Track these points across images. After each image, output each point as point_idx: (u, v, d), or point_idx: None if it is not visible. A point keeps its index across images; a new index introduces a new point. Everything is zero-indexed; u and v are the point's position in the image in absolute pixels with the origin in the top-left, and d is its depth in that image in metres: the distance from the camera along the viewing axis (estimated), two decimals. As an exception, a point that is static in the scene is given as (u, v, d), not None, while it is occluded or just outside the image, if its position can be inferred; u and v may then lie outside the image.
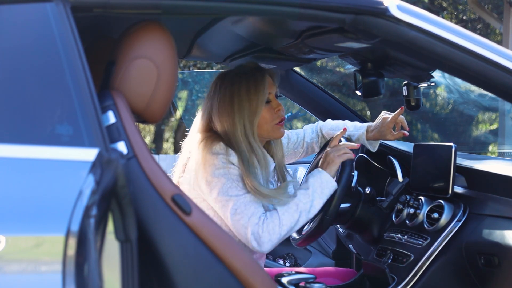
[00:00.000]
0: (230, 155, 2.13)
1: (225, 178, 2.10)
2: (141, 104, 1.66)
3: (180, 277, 1.54)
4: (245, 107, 2.20)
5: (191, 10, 1.67)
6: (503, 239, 2.08)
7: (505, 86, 1.78)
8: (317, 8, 1.68)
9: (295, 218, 2.11)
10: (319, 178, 2.20)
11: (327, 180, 2.20)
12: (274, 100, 2.27)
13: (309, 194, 2.15)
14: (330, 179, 2.20)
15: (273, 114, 2.26)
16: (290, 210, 2.11)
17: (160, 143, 13.41)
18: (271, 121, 2.26)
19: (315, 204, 2.15)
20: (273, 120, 2.26)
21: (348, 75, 8.67)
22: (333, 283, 2.66)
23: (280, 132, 2.29)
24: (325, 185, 2.19)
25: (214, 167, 2.12)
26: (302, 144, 2.69)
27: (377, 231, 2.67)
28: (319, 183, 2.18)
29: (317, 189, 2.17)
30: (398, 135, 2.54)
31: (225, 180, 2.10)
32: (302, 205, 2.13)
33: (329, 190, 2.19)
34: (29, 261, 1.30)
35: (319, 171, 2.22)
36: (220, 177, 2.10)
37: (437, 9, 11.98)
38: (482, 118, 8.86)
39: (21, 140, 1.42)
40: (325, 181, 2.19)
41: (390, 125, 2.53)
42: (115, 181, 1.37)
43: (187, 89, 8.06)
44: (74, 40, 1.49)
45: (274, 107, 2.26)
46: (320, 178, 2.20)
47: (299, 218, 2.12)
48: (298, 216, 2.11)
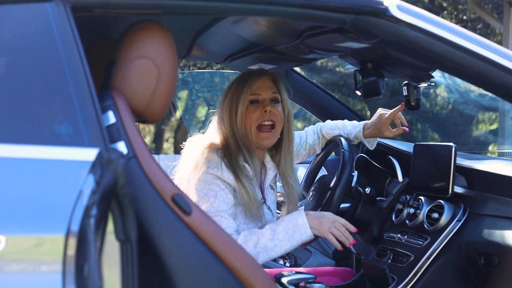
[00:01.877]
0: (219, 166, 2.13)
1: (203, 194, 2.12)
2: (141, 104, 1.66)
3: (180, 277, 1.54)
4: (232, 104, 2.23)
5: (191, 10, 1.67)
6: (503, 239, 2.08)
7: (505, 86, 1.78)
8: (317, 8, 1.68)
9: (251, 250, 2.06)
10: (295, 221, 2.12)
11: (302, 225, 2.11)
12: (264, 102, 2.24)
13: (275, 232, 2.09)
14: (306, 227, 2.11)
15: (258, 114, 2.23)
16: (249, 242, 2.08)
17: (160, 143, 13.41)
18: (254, 121, 2.23)
19: (280, 245, 2.09)
20: (257, 120, 2.23)
21: (348, 75, 8.67)
22: (333, 283, 2.66)
23: (264, 140, 2.23)
24: (297, 229, 2.10)
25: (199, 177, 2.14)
26: (305, 146, 2.69)
27: (377, 231, 2.67)
28: (292, 225, 2.11)
29: (288, 231, 2.10)
30: (397, 131, 2.54)
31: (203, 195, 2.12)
32: (262, 241, 2.07)
33: (300, 236, 2.10)
34: (29, 261, 1.30)
35: (300, 213, 2.14)
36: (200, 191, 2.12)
37: (437, 9, 11.97)
38: (482, 118, 8.86)
39: (21, 140, 1.42)
40: (300, 226, 2.11)
41: (387, 121, 2.53)
42: (115, 181, 1.37)
43: (187, 89, 8.05)
44: (74, 40, 1.49)
45: (261, 108, 2.23)
46: (296, 221, 2.12)
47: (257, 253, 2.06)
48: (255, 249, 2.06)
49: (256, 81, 2.25)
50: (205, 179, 2.13)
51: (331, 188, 2.50)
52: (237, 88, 2.25)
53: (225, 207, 2.12)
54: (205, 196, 2.12)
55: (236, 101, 2.23)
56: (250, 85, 2.23)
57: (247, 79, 2.25)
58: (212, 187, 2.13)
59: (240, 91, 2.24)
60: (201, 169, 2.15)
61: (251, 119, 2.23)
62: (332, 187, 2.47)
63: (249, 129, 2.24)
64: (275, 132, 2.26)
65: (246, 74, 2.29)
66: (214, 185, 2.13)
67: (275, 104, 2.27)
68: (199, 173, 2.15)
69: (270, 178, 2.35)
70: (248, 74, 2.28)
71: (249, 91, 2.23)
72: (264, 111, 2.23)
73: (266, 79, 2.28)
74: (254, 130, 2.23)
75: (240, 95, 2.23)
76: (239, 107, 2.22)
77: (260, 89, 2.25)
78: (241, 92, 2.23)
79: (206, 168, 2.14)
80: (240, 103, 2.22)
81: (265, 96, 2.25)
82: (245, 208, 2.18)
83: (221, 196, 2.12)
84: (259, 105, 2.25)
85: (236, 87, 2.26)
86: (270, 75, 2.30)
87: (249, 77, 2.26)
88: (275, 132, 2.25)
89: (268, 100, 2.25)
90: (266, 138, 2.24)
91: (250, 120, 2.23)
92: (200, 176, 2.14)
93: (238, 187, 2.15)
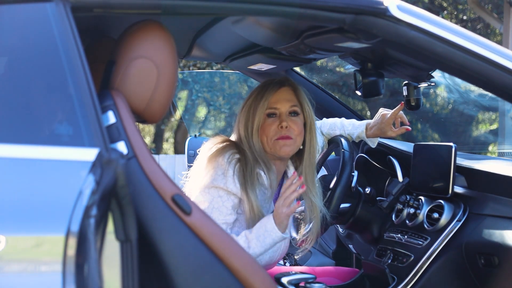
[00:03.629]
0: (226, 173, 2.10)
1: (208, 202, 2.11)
2: (141, 104, 1.66)
3: (180, 277, 1.54)
4: (250, 116, 2.20)
5: (191, 10, 1.67)
6: (503, 239, 2.08)
7: (505, 86, 1.78)
8: (317, 8, 1.68)
9: None
10: (264, 226, 2.11)
11: (271, 229, 2.09)
12: (282, 116, 2.20)
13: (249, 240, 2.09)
14: (273, 228, 2.09)
15: (275, 129, 2.19)
16: None
17: (160, 143, 13.41)
18: (271, 136, 2.19)
19: (254, 251, 2.09)
20: (274, 135, 2.19)
21: (348, 75, 8.67)
22: (333, 283, 2.66)
23: (281, 150, 2.19)
24: (268, 234, 2.10)
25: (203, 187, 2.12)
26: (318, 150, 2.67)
27: (377, 231, 2.67)
28: (263, 231, 2.10)
29: (259, 238, 2.10)
30: (400, 131, 2.54)
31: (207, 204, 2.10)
32: None
33: (271, 239, 2.10)
34: (29, 261, 1.30)
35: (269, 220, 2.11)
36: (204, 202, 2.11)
37: (437, 9, 11.97)
38: (482, 118, 8.86)
39: (21, 140, 1.42)
40: (269, 230, 2.10)
41: (390, 121, 2.53)
42: (115, 181, 1.37)
43: (187, 89, 8.05)
44: (74, 40, 1.49)
45: (278, 123, 2.19)
46: (265, 226, 2.10)
47: None
48: None
49: (275, 93, 2.21)
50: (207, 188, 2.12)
51: (331, 188, 2.50)
52: (255, 99, 2.21)
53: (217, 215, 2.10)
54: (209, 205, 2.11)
55: (253, 114, 2.19)
56: (268, 98, 2.19)
57: (265, 90, 2.21)
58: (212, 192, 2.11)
59: (258, 103, 2.20)
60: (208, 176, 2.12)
61: (268, 133, 2.19)
62: (332, 187, 2.47)
63: (266, 142, 2.20)
64: (293, 141, 2.20)
65: (265, 84, 2.24)
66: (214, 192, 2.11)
67: (293, 118, 2.22)
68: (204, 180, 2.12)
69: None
70: (267, 84, 2.23)
71: (266, 104, 2.19)
72: (280, 127, 2.18)
73: (286, 91, 2.24)
74: (272, 143, 2.19)
75: (257, 108, 2.19)
76: (255, 120, 2.19)
77: (278, 102, 2.21)
78: (258, 105, 2.19)
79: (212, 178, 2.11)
80: (257, 116, 2.19)
81: (283, 110, 2.21)
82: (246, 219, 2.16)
83: (217, 204, 2.11)
84: (276, 119, 2.20)
85: (254, 98, 2.21)
86: (291, 85, 2.25)
87: (267, 88, 2.21)
88: (292, 141, 2.20)
89: (286, 113, 2.21)
90: (284, 146, 2.19)
91: (266, 134, 2.19)
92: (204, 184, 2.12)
93: (242, 197, 2.12)
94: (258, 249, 2.09)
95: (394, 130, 2.54)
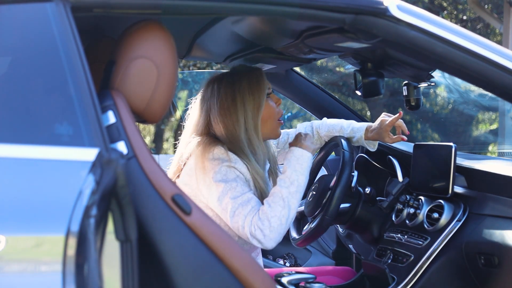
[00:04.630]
0: (232, 159, 2.13)
1: (223, 183, 2.10)
2: (141, 104, 1.66)
3: (180, 277, 1.54)
4: (249, 101, 2.22)
5: (191, 10, 1.67)
6: (503, 239, 2.08)
7: (505, 86, 1.78)
8: (317, 8, 1.68)
9: (282, 205, 2.07)
10: (292, 156, 2.18)
11: (301, 154, 2.18)
12: (273, 95, 2.31)
13: (288, 177, 2.13)
14: (302, 152, 2.19)
15: (275, 108, 2.28)
16: (275, 199, 2.09)
17: (160, 143, 13.41)
18: (274, 116, 2.27)
19: (299, 181, 2.13)
20: (277, 115, 2.28)
21: (348, 75, 8.68)
22: (333, 283, 2.66)
23: (278, 131, 2.31)
24: (300, 160, 2.17)
25: (213, 172, 2.11)
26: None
27: (377, 231, 2.67)
28: (295, 161, 2.17)
29: (296, 167, 2.15)
30: (396, 139, 2.52)
31: (224, 184, 2.10)
32: (284, 191, 2.10)
33: (306, 163, 2.17)
34: (29, 261, 1.30)
35: (292, 149, 2.21)
36: (219, 183, 2.10)
37: (437, 9, 11.98)
38: (482, 118, 8.87)
39: (21, 140, 1.42)
40: (299, 155, 2.18)
41: (387, 128, 2.52)
42: (115, 181, 1.37)
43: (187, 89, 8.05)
44: (74, 40, 1.49)
45: (275, 101, 2.29)
46: (293, 155, 2.19)
47: (288, 203, 2.08)
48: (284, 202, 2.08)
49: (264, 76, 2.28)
50: (220, 171, 2.12)
51: (331, 188, 2.50)
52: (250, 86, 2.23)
53: (248, 189, 2.12)
54: (226, 184, 2.10)
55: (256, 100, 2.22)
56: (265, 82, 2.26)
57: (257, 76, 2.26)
58: (229, 175, 2.11)
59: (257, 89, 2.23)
60: (214, 166, 2.12)
61: (273, 114, 2.27)
62: (332, 187, 2.47)
63: (270, 122, 2.27)
64: None
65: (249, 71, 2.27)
66: (230, 174, 2.12)
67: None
68: (213, 170, 2.12)
69: (265, 172, 2.36)
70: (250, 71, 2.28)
71: (266, 88, 2.26)
72: (278, 104, 2.30)
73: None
74: (272, 124, 2.28)
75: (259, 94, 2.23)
76: (261, 105, 2.23)
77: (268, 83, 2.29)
78: (258, 90, 2.23)
79: (220, 163, 2.12)
80: (261, 100, 2.23)
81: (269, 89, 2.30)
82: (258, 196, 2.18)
83: (241, 181, 2.13)
84: (270, 100, 2.28)
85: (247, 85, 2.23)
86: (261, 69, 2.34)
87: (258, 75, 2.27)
88: None
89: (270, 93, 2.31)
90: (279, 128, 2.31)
91: (270, 114, 2.27)
92: (216, 170, 2.12)
93: (249, 177, 2.16)
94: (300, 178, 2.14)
95: (391, 137, 2.53)
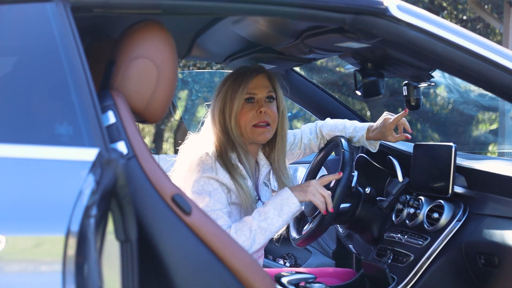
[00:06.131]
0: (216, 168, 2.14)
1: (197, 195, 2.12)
2: (141, 104, 1.66)
3: (180, 277, 1.54)
4: (226, 102, 2.24)
5: (191, 10, 1.67)
6: (503, 239, 2.08)
7: (505, 86, 1.78)
8: (317, 8, 1.68)
9: (247, 236, 2.06)
10: (280, 196, 2.14)
11: (287, 197, 2.13)
12: (260, 101, 2.26)
13: (265, 212, 2.10)
14: (292, 197, 2.13)
15: (254, 114, 2.24)
16: (243, 228, 2.08)
17: (160, 143, 13.42)
18: (249, 121, 2.24)
19: (273, 223, 2.09)
20: (252, 121, 2.24)
21: (348, 75, 8.68)
22: (333, 283, 2.66)
23: (260, 136, 2.25)
24: (285, 202, 2.12)
25: (193, 180, 2.14)
26: (299, 145, 2.67)
27: (377, 231, 2.67)
28: (279, 200, 2.12)
29: (276, 207, 2.11)
30: (400, 137, 2.52)
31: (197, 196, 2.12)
32: (255, 223, 2.08)
33: (289, 208, 2.11)
34: (29, 261, 1.30)
35: (284, 189, 2.16)
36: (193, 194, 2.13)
37: (437, 9, 11.98)
38: (482, 118, 8.87)
39: (21, 140, 1.42)
40: (286, 198, 2.12)
41: (391, 126, 2.52)
42: (115, 181, 1.37)
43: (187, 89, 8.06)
44: (74, 40, 1.49)
45: (257, 108, 2.25)
46: (281, 196, 2.14)
47: (253, 236, 2.07)
48: (251, 234, 2.07)
49: (253, 80, 2.26)
50: (199, 181, 2.14)
51: (331, 188, 2.50)
52: (233, 86, 2.25)
53: (220, 206, 2.12)
54: (199, 196, 2.12)
55: (232, 100, 2.23)
56: (247, 85, 2.24)
57: (243, 77, 2.25)
58: (206, 187, 2.13)
59: (236, 89, 2.24)
60: (196, 171, 2.15)
61: (246, 118, 2.24)
62: (332, 187, 2.47)
63: (244, 128, 2.25)
64: (271, 128, 2.27)
65: (241, 71, 2.28)
66: (208, 186, 2.13)
67: (269, 103, 2.28)
68: (194, 176, 2.15)
69: (263, 175, 2.36)
70: (243, 72, 2.28)
71: (245, 91, 2.24)
72: (259, 112, 2.24)
73: (262, 78, 2.29)
74: (249, 128, 2.25)
75: (235, 94, 2.23)
76: (234, 106, 2.23)
77: (256, 88, 2.26)
78: (237, 91, 2.23)
79: (201, 171, 2.14)
80: (236, 101, 2.23)
81: (261, 95, 2.27)
82: (240, 206, 2.19)
83: (215, 196, 2.13)
84: (254, 105, 2.25)
85: (231, 85, 2.25)
86: (266, 73, 2.31)
87: (245, 76, 2.26)
88: (270, 129, 2.27)
89: (263, 99, 2.27)
90: (262, 134, 2.25)
91: (245, 120, 2.24)
92: (196, 178, 2.14)
93: (233, 186, 2.16)
94: (276, 219, 2.09)
95: (394, 136, 2.53)
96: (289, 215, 2.12)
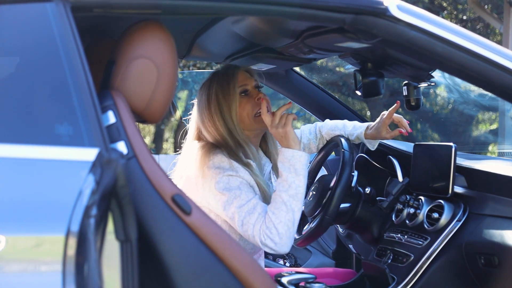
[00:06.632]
0: (234, 167, 2.13)
1: (227, 192, 2.10)
2: (141, 104, 1.66)
3: (180, 277, 1.54)
4: (222, 103, 2.24)
5: (191, 10, 1.67)
6: (503, 239, 2.08)
7: (505, 86, 1.78)
8: (317, 8, 1.68)
9: (285, 209, 2.05)
10: (284, 158, 2.12)
11: (290, 155, 2.12)
12: (252, 90, 2.29)
13: (284, 180, 2.09)
14: (293, 152, 2.12)
15: (253, 103, 2.26)
16: (277, 205, 2.06)
17: (160, 143, 13.42)
18: (251, 111, 2.25)
19: (296, 183, 2.08)
20: (254, 110, 2.26)
21: (348, 75, 8.68)
22: (333, 283, 2.66)
23: (261, 126, 2.27)
24: (292, 161, 2.11)
25: (215, 181, 2.12)
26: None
27: (377, 231, 2.67)
28: (287, 163, 2.11)
29: (290, 170, 2.10)
30: (394, 133, 2.52)
31: (228, 193, 2.10)
32: (284, 195, 2.07)
33: (300, 163, 2.11)
34: (29, 261, 1.30)
35: (280, 153, 2.14)
36: (223, 192, 2.11)
37: (437, 9, 11.98)
38: (482, 118, 8.87)
39: (21, 140, 1.42)
40: (289, 157, 2.11)
41: (386, 121, 2.52)
42: (115, 181, 1.37)
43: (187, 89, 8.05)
44: (74, 40, 1.49)
45: (254, 96, 2.27)
46: (284, 157, 2.12)
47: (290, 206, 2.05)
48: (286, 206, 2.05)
49: (237, 75, 2.27)
50: (222, 180, 2.12)
51: (331, 188, 2.50)
52: (221, 87, 2.25)
53: (252, 194, 2.11)
54: (230, 192, 2.10)
55: (226, 99, 2.24)
56: (235, 80, 2.25)
57: (227, 75, 2.27)
58: (232, 183, 2.11)
59: (226, 88, 2.24)
60: (216, 174, 2.12)
61: (248, 110, 2.25)
62: (332, 187, 2.47)
63: (248, 120, 2.26)
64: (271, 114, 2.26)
65: (222, 73, 2.29)
66: (233, 181, 2.11)
67: (260, 91, 2.31)
68: (215, 178, 2.12)
69: (267, 172, 2.36)
70: (224, 72, 2.29)
71: (237, 85, 2.25)
72: (258, 99, 2.26)
73: (243, 72, 2.31)
74: (252, 118, 2.26)
75: (228, 91, 2.24)
76: (232, 103, 2.23)
77: (244, 80, 2.28)
78: (228, 89, 2.24)
79: (221, 172, 2.12)
80: (232, 98, 2.23)
81: (251, 86, 2.29)
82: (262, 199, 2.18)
83: (244, 187, 2.12)
84: (249, 97, 2.27)
85: (218, 87, 2.25)
86: (243, 67, 2.34)
87: (228, 74, 2.27)
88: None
89: (254, 88, 2.29)
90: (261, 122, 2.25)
91: (247, 111, 2.25)
92: (217, 179, 2.12)
93: (253, 182, 2.16)
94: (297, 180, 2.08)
95: (389, 132, 2.52)
96: (304, 168, 2.12)
